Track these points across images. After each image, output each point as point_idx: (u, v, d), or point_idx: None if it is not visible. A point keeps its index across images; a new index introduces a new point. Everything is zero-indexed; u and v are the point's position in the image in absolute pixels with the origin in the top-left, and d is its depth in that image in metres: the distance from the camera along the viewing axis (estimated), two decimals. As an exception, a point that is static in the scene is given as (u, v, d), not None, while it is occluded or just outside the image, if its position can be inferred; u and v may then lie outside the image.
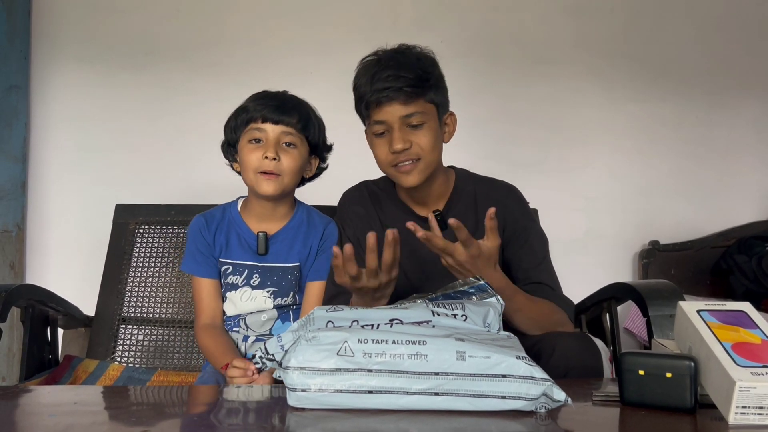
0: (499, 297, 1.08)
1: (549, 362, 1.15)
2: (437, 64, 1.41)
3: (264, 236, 1.51)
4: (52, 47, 2.81)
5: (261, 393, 1.04)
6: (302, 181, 1.56)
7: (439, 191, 1.47)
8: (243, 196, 1.59)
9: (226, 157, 1.56)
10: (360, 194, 1.54)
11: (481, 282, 1.11)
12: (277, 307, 1.52)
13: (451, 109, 1.46)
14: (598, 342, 1.25)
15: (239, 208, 1.57)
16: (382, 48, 1.40)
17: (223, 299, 1.55)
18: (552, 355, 1.16)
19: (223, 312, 1.55)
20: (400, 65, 1.34)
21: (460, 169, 1.55)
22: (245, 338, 1.53)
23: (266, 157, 1.42)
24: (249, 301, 1.51)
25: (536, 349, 1.19)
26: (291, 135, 1.45)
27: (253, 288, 1.51)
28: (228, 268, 1.52)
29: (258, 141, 1.45)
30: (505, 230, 1.43)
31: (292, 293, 1.52)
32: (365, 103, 1.36)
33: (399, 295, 1.44)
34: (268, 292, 1.51)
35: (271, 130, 1.44)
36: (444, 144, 1.45)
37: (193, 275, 1.54)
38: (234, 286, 1.52)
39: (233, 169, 1.56)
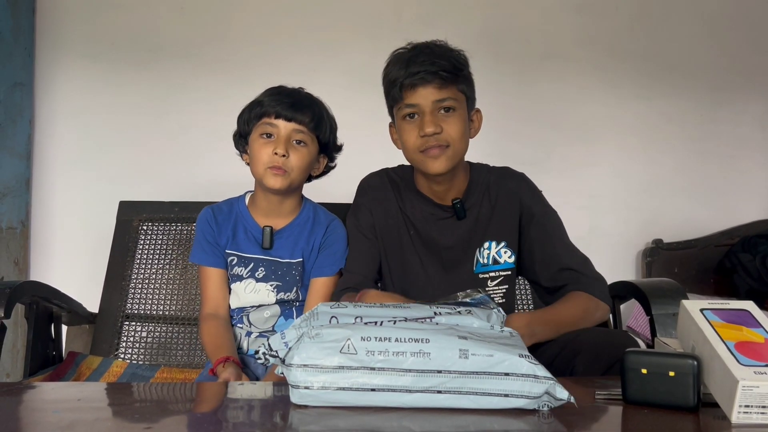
0: (500, 309, 1.08)
1: (594, 356, 1.17)
2: (468, 61, 1.43)
3: (270, 230, 1.52)
4: (56, 44, 2.82)
5: (264, 390, 1.04)
6: (309, 178, 1.57)
7: (458, 185, 1.50)
8: (250, 191, 1.60)
9: (237, 147, 1.58)
10: (381, 180, 1.56)
11: (482, 295, 1.11)
12: (280, 302, 1.53)
13: None
14: (638, 340, 1.26)
15: (246, 203, 1.58)
16: (411, 43, 1.43)
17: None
18: (597, 350, 1.17)
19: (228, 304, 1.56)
20: (435, 53, 1.37)
21: (474, 162, 1.57)
22: (248, 334, 1.54)
23: (276, 153, 1.43)
24: (252, 294, 1.52)
25: (578, 342, 1.21)
26: (302, 133, 1.47)
27: (258, 280, 1.52)
28: (234, 259, 1.54)
29: (269, 136, 1.46)
30: (522, 218, 1.48)
31: (295, 288, 1.53)
32: (399, 86, 1.37)
33: (417, 284, 1.46)
34: (271, 285, 1.52)
35: (283, 126, 1.45)
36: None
37: (200, 265, 1.55)
38: (239, 278, 1.53)
39: (243, 160, 1.57)
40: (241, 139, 1.55)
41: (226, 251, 1.54)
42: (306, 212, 1.57)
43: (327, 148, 1.54)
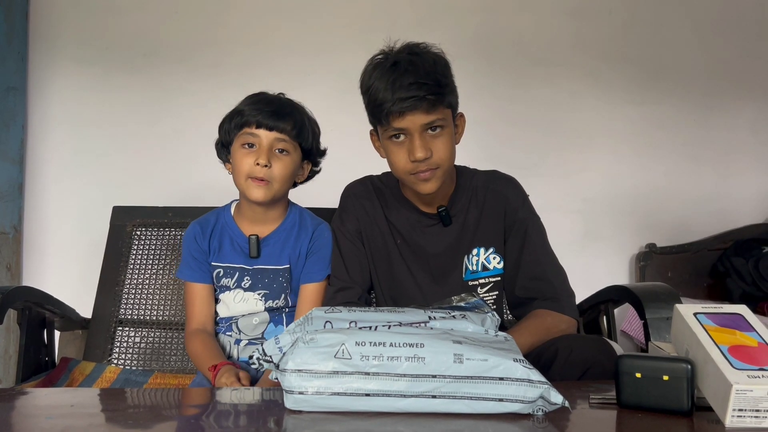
0: (494, 313, 1.08)
1: (567, 362, 1.17)
2: (449, 65, 1.37)
3: (255, 239, 1.50)
4: (49, 48, 2.81)
5: (258, 395, 1.04)
6: (294, 184, 1.56)
7: (444, 190, 1.47)
8: (236, 200, 1.58)
9: (219, 156, 1.56)
10: (365, 188, 1.54)
11: (476, 299, 1.11)
12: (269, 310, 1.52)
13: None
14: (614, 344, 1.26)
15: (232, 212, 1.57)
16: (389, 46, 1.36)
17: (217, 300, 1.55)
18: (570, 356, 1.17)
19: (216, 316, 1.54)
20: (419, 71, 1.29)
21: (460, 166, 1.55)
22: (237, 341, 1.52)
23: (258, 164, 1.41)
24: (241, 303, 1.51)
25: (554, 349, 1.21)
26: (284, 141, 1.44)
27: (245, 290, 1.51)
28: (220, 271, 1.52)
29: (251, 146, 1.44)
30: (505, 220, 1.47)
31: (283, 295, 1.52)
32: (386, 112, 1.31)
33: (407, 293, 1.46)
34: (259, 294, 1.51)
35: (265, 136, 1.43)
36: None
37: (186, 281, 1.54)
38: (227, 288, 1.52)
39: (226, 169, 1.55)
40: (223, 149, 1.53)
41: (212, 264, 1.53)
42: (292, 217, 1.55)
43: (310, 154, 1.52)
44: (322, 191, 1.65)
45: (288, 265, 1.51)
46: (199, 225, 1.55)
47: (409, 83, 1.28)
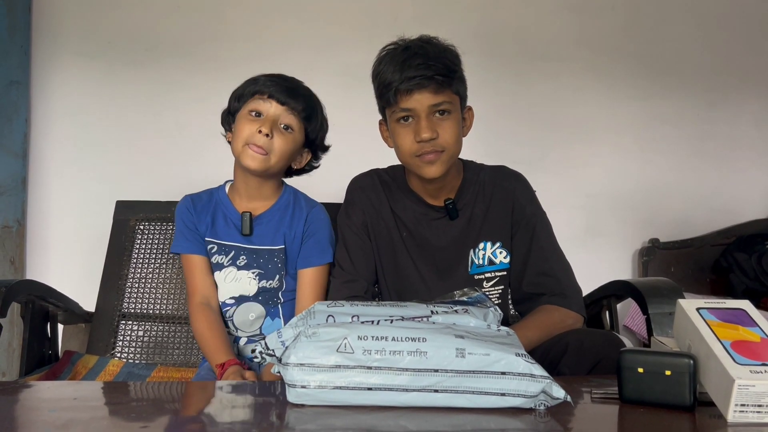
0: (497, 308, 1.08)
1: (578, 355, 1.17)
2: (460, 57, 1.39)
3: (249, 216, 1.49)
4: (52, 43, 2.81)
5: (260, 389, 1.04)
6: (289, 172, 1.56)
7: (451, 183, 1.47)
8: (230, 181, 1.57)
9: (223, 124, 1.54)
10: (372, 181, 1.53)
11: (478, 294, 1.11)
12: (262, 291, 1.49)
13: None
14: (624, 339, 1.26)
15: (227, 190, 1.56)
16: (402, 38, 1.38)
17: None
18: (580, 349, 1.18)
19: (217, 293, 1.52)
20: (429, 54, 1.32)
21: (467, 160, 1.55)
22: (237, 339, 1.51)
23: (260, 131, 1.41)
24: (234, 283, 1.49)
25: (564, 343, 1.22)
26: (291, 117, 1.44)
27: (239, 269, 1.49)
28: (213, 248, 1.51)
29: (258, 115, 1.43)
30: (513, 216, 1.47)
31: (278, 276, 1.50)
32: (394, 91, 1.33)
33: (412, 286, 1.46)
34: (253, 273, 1.49)
35: (274, 108, 1.43)
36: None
37: (183, 254, 1.52)
38: (219, 266, 1.50)
39: (226, 139, 1.54)
40: (229, 116, 1.51)
41: (206, 239, 1.51)
42: (286, 197, 1.54)
43: (313, 143, 1.52)
44: (322, 187, 1.65)
45: (283, 246, 1.50)
46: (191, 199, 1.55)
47: (417, 63, 1.31)
